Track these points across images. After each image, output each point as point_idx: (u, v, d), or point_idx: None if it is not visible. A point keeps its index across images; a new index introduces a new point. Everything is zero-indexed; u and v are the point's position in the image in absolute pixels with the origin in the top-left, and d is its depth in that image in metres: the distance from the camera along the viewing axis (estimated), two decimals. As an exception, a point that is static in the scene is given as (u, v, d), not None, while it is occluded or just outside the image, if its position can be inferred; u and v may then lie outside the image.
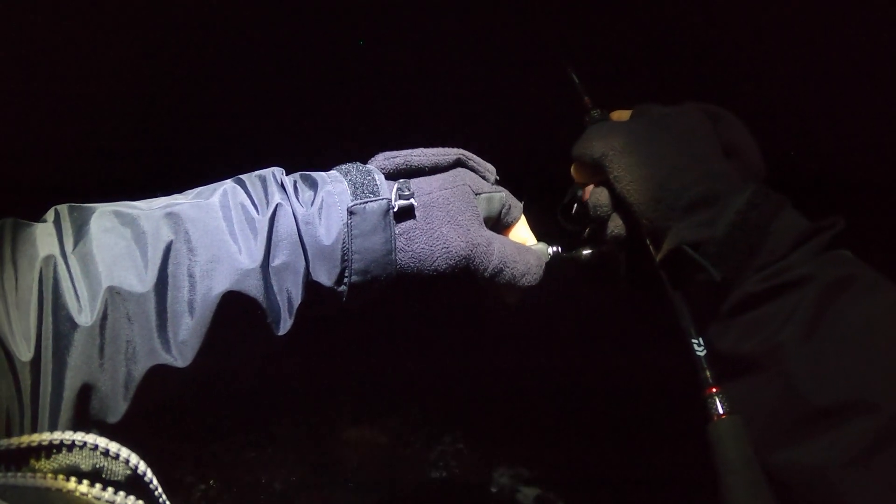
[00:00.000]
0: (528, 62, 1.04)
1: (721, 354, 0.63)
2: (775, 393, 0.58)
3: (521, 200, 0.72)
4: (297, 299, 0.59)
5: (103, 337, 0.51)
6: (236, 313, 0.55)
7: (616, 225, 0.70)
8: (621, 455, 1.38)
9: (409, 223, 0.61)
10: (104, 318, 0.51)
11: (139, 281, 0.52)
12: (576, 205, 0.76)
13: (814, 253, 0.60)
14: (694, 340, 0.64)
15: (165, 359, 0.53)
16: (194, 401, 0.58)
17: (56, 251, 0.51)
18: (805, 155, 0.97)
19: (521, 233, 0.72)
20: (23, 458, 0.40)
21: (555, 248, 0.72)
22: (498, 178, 0.71)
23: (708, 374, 0.62)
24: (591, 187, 0.73)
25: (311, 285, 0.59)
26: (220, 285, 0.54)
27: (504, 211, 0.69)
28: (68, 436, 0.41)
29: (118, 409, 0.52)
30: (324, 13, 1.09)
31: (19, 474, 0.39)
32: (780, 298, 0.60)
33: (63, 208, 0.55)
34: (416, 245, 0.61)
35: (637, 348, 1.20)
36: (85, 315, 0.50)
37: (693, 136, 0.67)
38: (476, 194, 0.66)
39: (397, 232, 0.61)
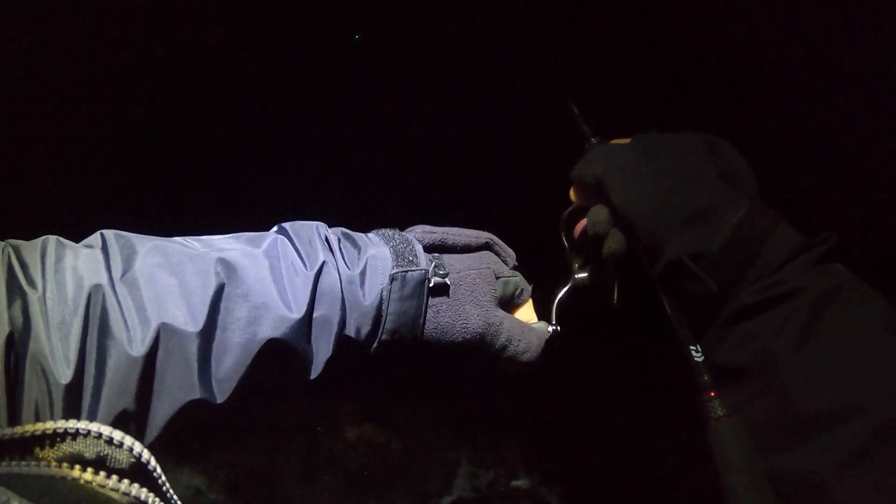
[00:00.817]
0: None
1: (716, 364, 0.65)
2: (769, 401, 0.59)
3: (530, 284, 0.78)
4: (329, 351, 0.62)
5: (147, 369, 0.52)
6: (275, 358, 0.58)
7: (615, 241, 0.71)
8: (614, 455, 1.38)
9: (440, 298, 0.67)
10: (153, 351, 0.52)
11: (191, 320, 0.54)
12: (576, 230, 0.78)
13: (807, 266, 0.62)
14: (692, 347, 0.66)
15: (202, 394, 0.55)
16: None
17: (104, 280, 0.53)
18: (798, 174, 0.99)
19: (527, 313, 0.78)
20: (27, 446, 0.40)
21: (554, 327, 0.77)
22: (516, 263, 0.77)
23: (706, 378, 0.64)
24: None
25: (343, 339, 0.63)
26: (265, 332, 0.57)
27: (516, 293, 0.75)
28: (72, 424, 0.41)
29: (150, 436, 0.53)
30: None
31: (23, 463, 0.39)
32: (773, 310, 0.61)
33: (109, 235, 0.57)
34: (441, 317, 0.67)
35: (629, 356, 1.21)
36: (135, 346, 0.51)
37: (692, 155, 0.69)
38: (497, 277, 0.72)
39: (429, 303, 0.66)
